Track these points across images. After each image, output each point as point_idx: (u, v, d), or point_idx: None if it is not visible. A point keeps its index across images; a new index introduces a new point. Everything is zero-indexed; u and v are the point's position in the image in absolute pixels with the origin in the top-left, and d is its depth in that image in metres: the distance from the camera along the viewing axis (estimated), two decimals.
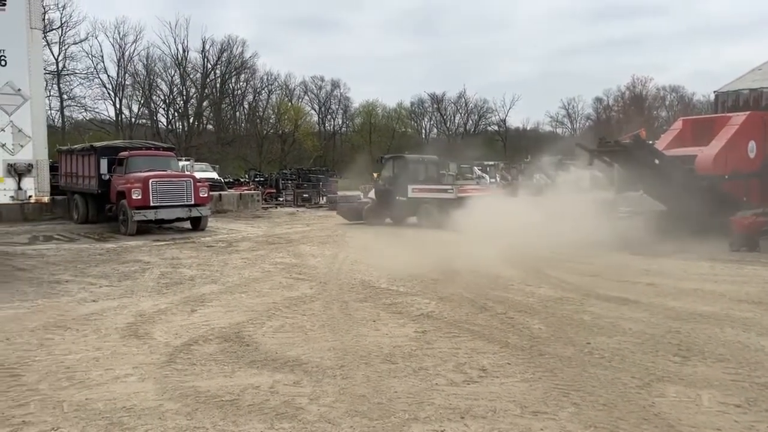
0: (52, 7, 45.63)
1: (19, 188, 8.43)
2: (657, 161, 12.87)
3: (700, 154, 13.14)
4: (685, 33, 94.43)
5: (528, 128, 76.10)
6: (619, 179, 15.28)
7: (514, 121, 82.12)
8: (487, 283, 8.90)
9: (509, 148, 63.64)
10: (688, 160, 13.12)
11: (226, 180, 33.90)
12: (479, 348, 5.64)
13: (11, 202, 8.60)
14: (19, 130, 8.38)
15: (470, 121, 76.37)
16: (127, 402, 4.35)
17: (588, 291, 8.22)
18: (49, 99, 47.34)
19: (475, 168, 40.87)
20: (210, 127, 61.81)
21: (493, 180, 41.77)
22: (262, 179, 36.86)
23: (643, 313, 6.93)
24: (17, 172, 8.38)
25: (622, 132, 16.39)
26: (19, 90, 8.35)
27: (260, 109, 64.80)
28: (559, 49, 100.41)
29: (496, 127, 76.08)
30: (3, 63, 8.20)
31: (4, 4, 8.19)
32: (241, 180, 37.23)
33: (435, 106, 75.13)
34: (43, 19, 42.31)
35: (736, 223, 11.88)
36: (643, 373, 4.87)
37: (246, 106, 64.85)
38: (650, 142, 14.65)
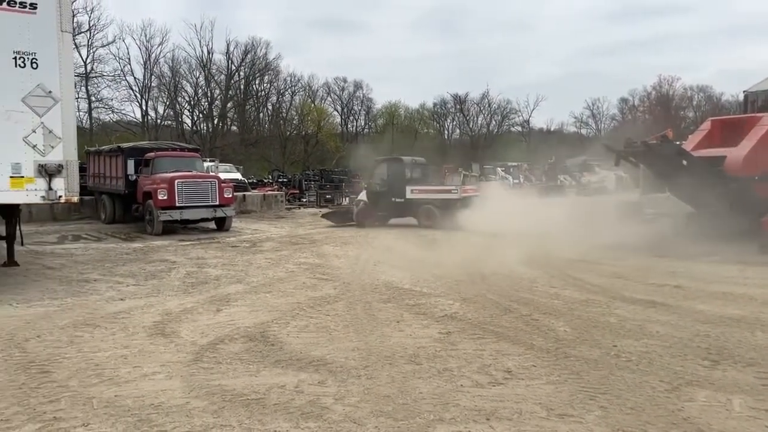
0: (80, 10, 46.58)
1: (50, 188, 8.57)
2: (685, 162, 12.67)
3: (729, 155, 12.89)
4: (713, 32, 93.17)
5: (552, 129, 75.66)
6: (645, 180, 15.09)
7: (538, 121, 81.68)
8: (510, 284, 8.84)
9: (533, 149, 63.16)
10: (717, 161, 12.88)
11: (249, 181, 34.18)
12: (504, 350, 5.61)
13: (42, 202, 8.74)
14: (50, 132, 8.52)
15: (493, 122, 76.09)
16: (155, 399, 4.41)
17: (614, 293, 8.12)
18: (77, 101, 48.20)
19: (498, 169, 40.67)
20: (234, 128, 62.46)
21: (516, 181, 41.54)
22: (285, 180, 37.11)
23: (671, 316, 6.83)
24: (48, 172, 8.52)
25: (648, 133, 16.19)
26: (50, 92, 8.49)
27: (283, 111, 65.27)
28: (583, 50, 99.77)
29: (519, 128, 75.68)
30: (35, 66, 8.36)
31: (35, 8, 8.35)
32: (265, 181, 37.49)
33: (458, 106, 74.94)
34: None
35: (767, 225, 11.64)
36: (672, 376, 4.80)
37: (269, 108, 65.43)
38: (678, 142, 14.43)
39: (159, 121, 57.87)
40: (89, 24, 48.68)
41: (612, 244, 12.27)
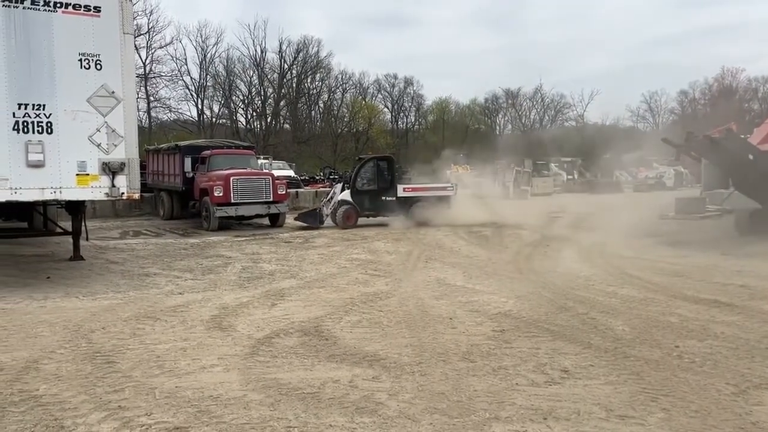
0: (140, 13, 47.99)
1: (113, 185, 8.89)
2: (751, 156, 12.15)
3: None
4: None
5: (607, 123, 73.74)
6: (706, 176, 14.54)
7: (593, 116, 79.49)
8: (565, 282, 8.67)
9: (588, 144, 61.62)
10: None
11: (302, 178, 34.61)
12: (560, 348, 5.50)
13: (105, 198, 9.07)
14: (113, 131, 8.84)
15: (546, 117, 74.78)
16: (214, 391, 4.51)
17: (675, 292, 7.86)
18: (137, 100, 49.79)
19: (552, 165, 39.94)
20: (287, 126, 63.42)
21: (570, 177, 40.70)
22: (336, 177, 37.38)
23: (737, 316, 6.56)
24: (111, 170, 8.85)
25: (710, 126, 15.62)
26: (113, 92, 8.81)
27: (335, 108, 65.85)
28: (642, 41, 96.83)
29: (573, 123, 74.10)
30: (98, 67, 8.68)
31: (99, 11, 8.66)
32: (317, 178, 37.90)
33: (510, 101, 73.94)
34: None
35: None
36: (739, 379, 4.60)
37: (321, 105, 66.12)
38: (743, 136, 13.85)
39: (214, 119, 59.34)
40: (148, 26, 50.22)
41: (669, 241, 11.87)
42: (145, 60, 51.05)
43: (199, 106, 57.72)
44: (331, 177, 37.39)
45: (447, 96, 75.08)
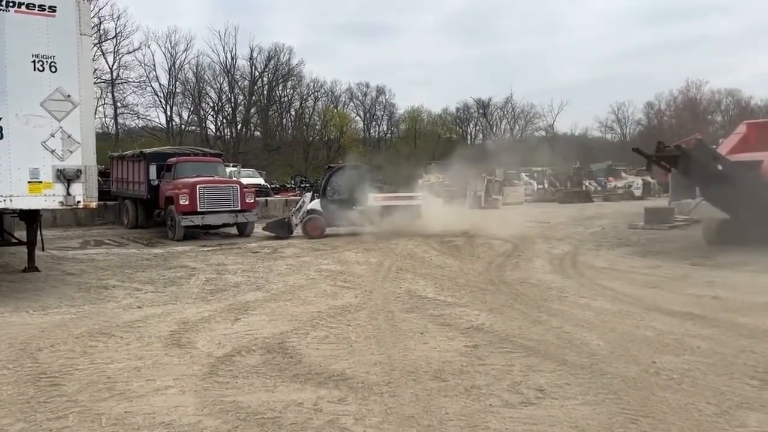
0: (106, 17, 47.17)
1: (68, 194, 8.48)
2: (720, 167, 12.20)
3: (766, 160, 12.38)
4: (752, 33, 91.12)
5: (576, 133, 74.83)
6: (675, 186, 14.62)
7: (562, 126, 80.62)
8: (538, 293, 8.51)
9: (557, 154, 62.34)
10: (754, 166, 12.38)
11: (272, 186, 34.17)
12: (535, 365, 5.28)
13: (60, 207, 8.65)
14: (69, 136, 8.43)
15: (517, 127, 75.51)
16: (167, 416, 4.18)
17: (648, 304, 7.73)
18: (103, 107, 48.90)
19: (523, 174, 40.14)
20: (257, 133, 62.78)
21: (540, 186, 40.98)
22: (307, 185, 37.00)
23: (711, 329, 6.44)
24: (66, 177, 8.43)
25: (675, 137, 15.75)
26: (69, 96, 8.40)
27: (306, 116, 65.43)
28: (612, 53, 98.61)
29: (543, 133, 74.97)
30: (53, 69, 8.27)
31: (54, 11, 8.26)
32: (287, 186, 37.48)
33: (481, 111, 74.49)
34: (97, 28, 43.68)
35: None
36: (719, 398, 4.44)
37: (292, 113, 65.65)
38: (712, 146, 13.96)
39: (183, 126, 58.42)
40: (116, 31, 49.37)
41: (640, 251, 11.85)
42: (112, 65, 50.22)
43: (168, 113, 56.88)
44: (302, 185, 37.02)
45: (419, 105, 75.45)
